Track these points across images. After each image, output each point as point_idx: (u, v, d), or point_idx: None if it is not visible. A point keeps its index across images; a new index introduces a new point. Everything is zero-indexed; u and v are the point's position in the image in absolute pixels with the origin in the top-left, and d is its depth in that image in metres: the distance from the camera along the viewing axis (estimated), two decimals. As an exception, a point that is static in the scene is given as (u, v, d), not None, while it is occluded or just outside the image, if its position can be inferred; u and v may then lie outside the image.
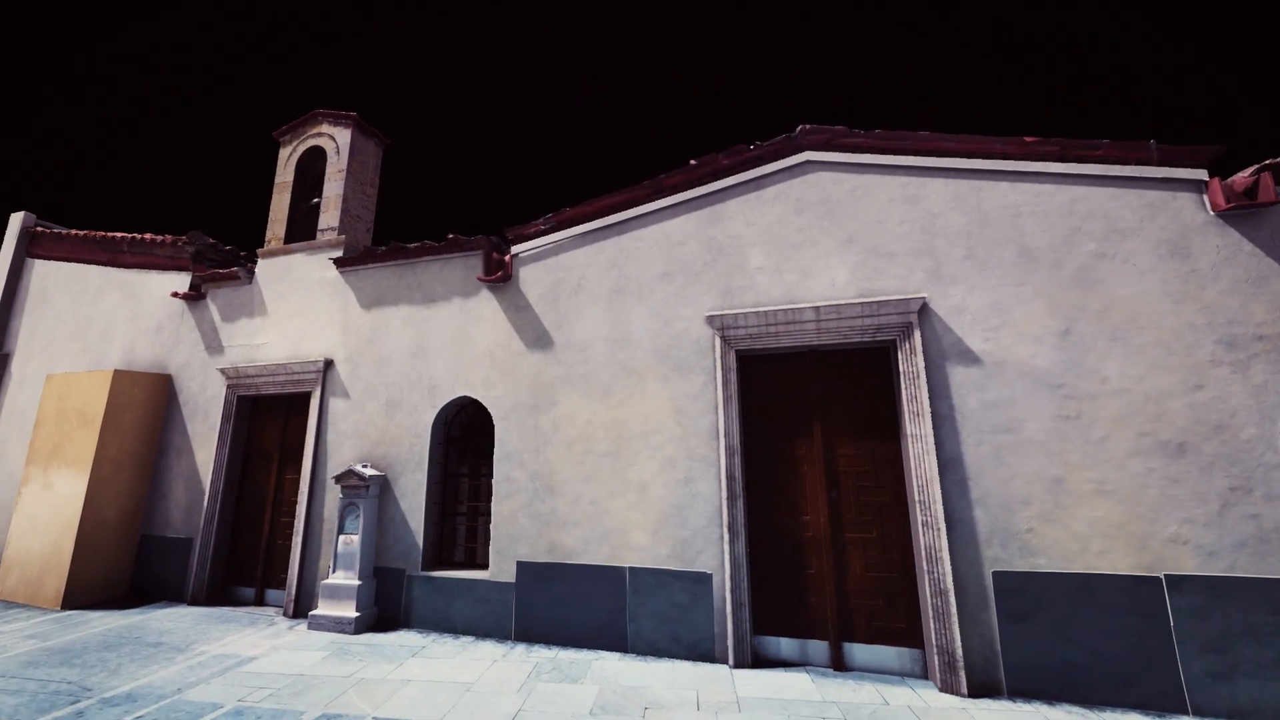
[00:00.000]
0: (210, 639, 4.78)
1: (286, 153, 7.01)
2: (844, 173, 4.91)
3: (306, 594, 5.49)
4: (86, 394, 6.16)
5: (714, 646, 4.35)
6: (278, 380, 6.11)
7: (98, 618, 5.33)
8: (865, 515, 4.43)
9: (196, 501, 6.15)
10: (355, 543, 5.21)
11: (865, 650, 4.22)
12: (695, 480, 4.65)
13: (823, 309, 4.57)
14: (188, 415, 6.49)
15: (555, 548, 4.90)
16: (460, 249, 5.79)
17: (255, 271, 6.69)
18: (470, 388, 5.48)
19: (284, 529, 5.96)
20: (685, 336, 4.95)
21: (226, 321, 6.66)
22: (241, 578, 6.02)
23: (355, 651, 4.51)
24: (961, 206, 4.56)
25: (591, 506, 4.88)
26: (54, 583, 5.64)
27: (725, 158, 5.19)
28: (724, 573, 4.42)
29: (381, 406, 5.72)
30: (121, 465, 6.16)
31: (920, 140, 4.73)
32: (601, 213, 5.46)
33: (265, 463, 6.21)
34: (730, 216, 5.10)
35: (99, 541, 5.91)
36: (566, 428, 5.10)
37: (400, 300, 5.96)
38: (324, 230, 6.51)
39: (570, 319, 5.32)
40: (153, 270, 7.23)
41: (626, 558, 4.70)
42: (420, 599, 5.15)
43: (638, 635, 4.54)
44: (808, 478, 4.61)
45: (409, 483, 5.44)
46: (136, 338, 7.02)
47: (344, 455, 5.71)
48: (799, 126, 5.03)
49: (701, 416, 4.76)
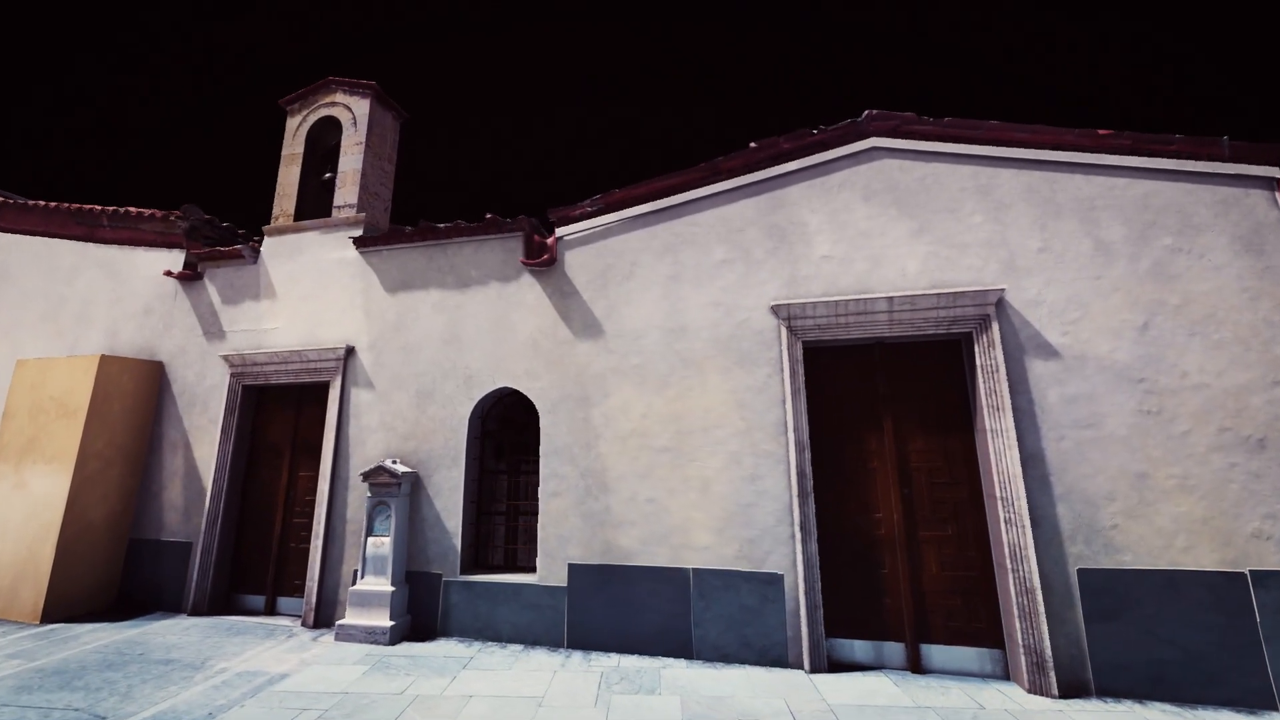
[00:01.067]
0: (227, 654, 4.30)
1: (295, 123, 6.46)
2: (912, 160, 4.77)
3: (328, 602, 5.03)
4: (67, 382, 5.51)
5: (786, 651, 4.15)
6: (290, 369, 5.60)
7: (87, 632, 4.74)
8: (940, 512, 4.30)
9: (196, 501, 5.58)
10: (387, 545, 4.79)
11: (943, 651, 4.10)
12: (762, 477, 4.44)
13: (896, 299, 4.41)
14: (183, 406, 5.90)
15: (610, 549, 4.60)
16: (498, 230, 5.41)
17: (261, 250, 6.13)
18: (512, 378, 5.12)
19: (297, 531, 5.47)
20: (747, 326, 4.73)
21: (228, 304, 6.08)
22: (248, 585, 5.49)
23: (397, 664, 4.12)
24: (1034, 198, 4.48)
25: (649, 505, 4.60)
26: (31, 594, 5.01)
27: (787, 141, 4.98)
28: (796, 573, 4.23)
29: (411, 398, 5.29)
30: (109, 462, 5.54)
31: (991, 130, 4.63)
32: (653, 195, 5.18)
33: (274, 459, 5.69)
34: (793, 203, 4.90)
35: (84, 547, 5.29)
36: (620, 421, 4.81)
37: (430, 284, 5.54)
38: (341, 207, 6.01)
39: (621, 306, 5.03)
40: (138, 247, 6.56)
41: (689, 558, 4.45)
42: (459, 605, 4.77)
43: (704, 640, 4.29)
44: (879, 474, 4.45)
45: (444, 480, 5.05)
46: (120, 320, 6.35)
47: (369, 450, 5.26)
48: (865, 112, 4.86)
49: (767, 410, 4.54)
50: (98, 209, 6.71)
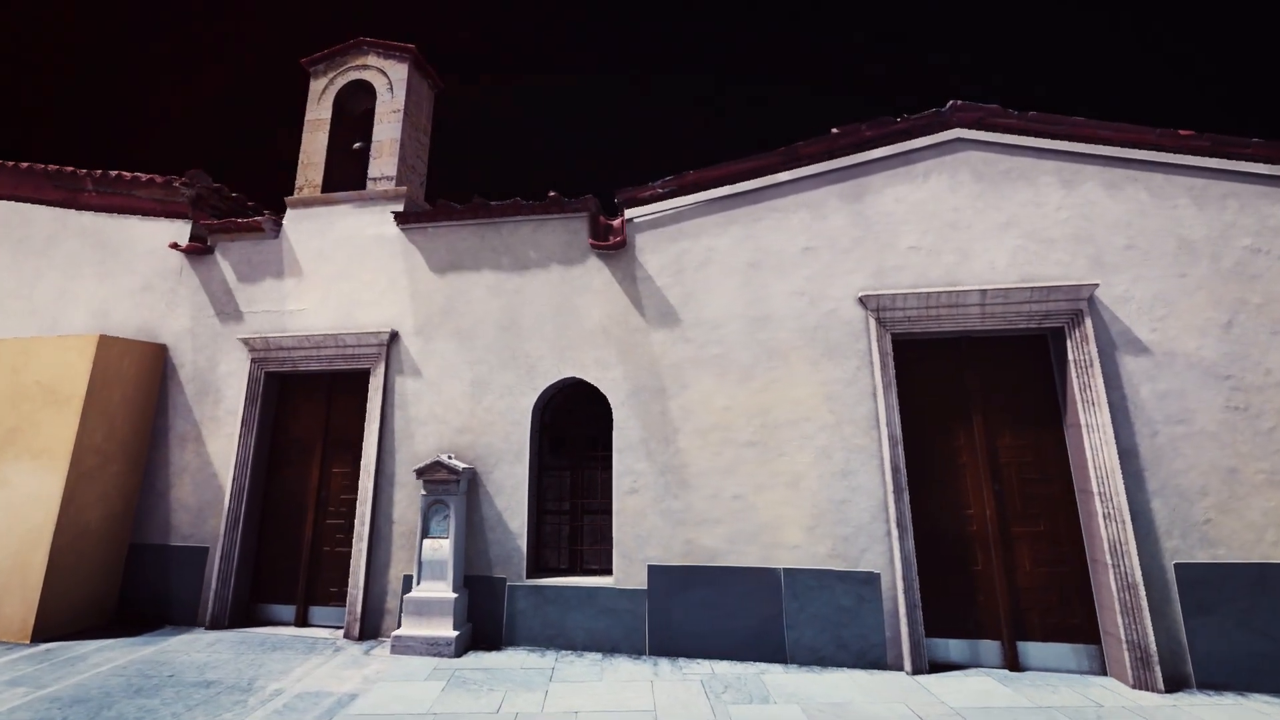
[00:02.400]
0: (272, 672, 3.81)
1: (319, 85, 5.87)
2: (996, 153, 4.72)
3: (374, 611, 4.57)
4: (58, 366, 4.80)
5: (885, 652, 4.02)
6: (324, 354, 5.07)
7: (94, 651, 4.12)
8: (1032, 508, 4.26)
9: (212, 501, 4.97)
10: (445, 548, 4.38)
11: (1039, 649, 4.05)
12: (855, 473, 4.29)
13: (990, 293, 4.35)
14: (192, 395, 5.26)
15: (693, 549, 4.35)
16: (559, 210, 5.05)
17: (283, 224, 5.54)
18: (580, 368, 4.79)
19: (332, 533, 4.96)
20: (835, 317, 4.57)
21: (245, 282, 5.46)
22: (273, 594, 4.94)
23: (474, 679, 3.74)
24: (1118, 195, 4.50)
25: (735, 502, 4.38)
26: (18, 609, 4.32)
27: (870, 128, 4.85)
28: (894, 572, 4.10)
29: (466, 388, 4.87)
30: (108, 457, 4.86)
31: (1075, 126, 4.63)
32: (729, 179, 4.95)
33: (302, 454, 5.14)
34: (877, 191, 4.77)
35: (79, 554, 4.62)
36: (700, 414, 4.56)
37: (483, 265, 5.12)
38: (377, 179, 5.49)
39: (699, 294, 4.78)
40: (133, 215, 5.83)
41: (780, 558, 4.25)
42: (526, 612, 4.42)
43: (798, 643, 4.11)
44: (969, 469, 4.38)
45: (505, 477, 4.67)
46: (112, 298, 5.62)
47: (418, 445, 4.82)
48: (949, 102, 4.78)
49: (857, 403, 4.40)
50: (81, 171, 5.93)
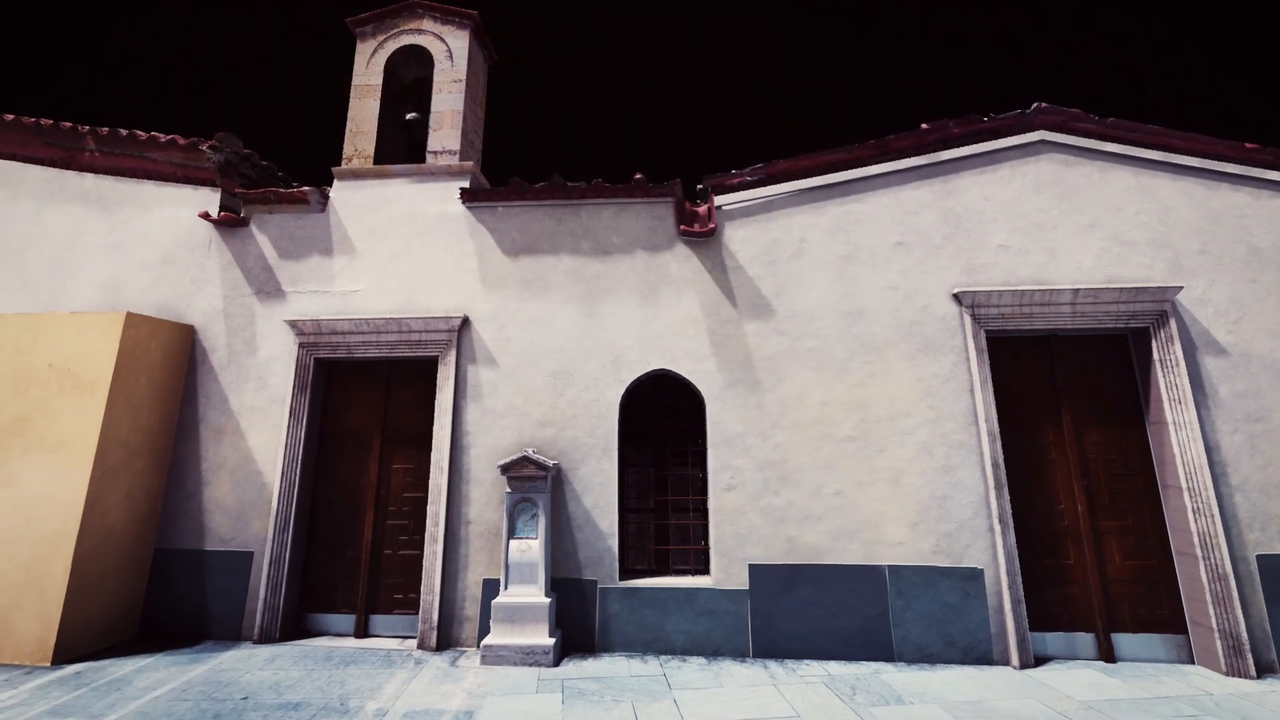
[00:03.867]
0: (361, 691, 3.42)
1: (368, 49, 5.40)
2: (1076, 156, 4.83)
3: (450, 619, 4.21)
4: (77, 345, 4.18)
5: (991, 648, 4.02)
6: (385, 340, 4.64)
7: (135, 673, 3.59)
8: (1119, 503, 4.37)
9: (256, 500, 4.46)
10: (536, 549, 4.08)
11: (1131, 640, 4.16)
12: (956, 468, 4.28)
13: (1081, 292, 4.43)
14: (228, 383, 4.71)
15: (795, 547, 4.23)
16: (644, 194, 4.82)
17: (330, 196, 5.05)
18: (669, 359, 4.58)
19: (394, 535, 4.54)
20: (928, 313, 4.55)
21: (287, 259, 4.94)
22: (325, 602, 4.48)
23: (588, 690, 3.49)
24: (1191, 202, 4.69)
25: (836, 498, 4.29)
26: (33, 626, 3.73)
27: (957, 126, 4.87)
28: (998, 567, 4.11)
29: (546, 379, 4.57)
30: (134, 451, 4.28)
31: (1150, 133, 4.79)
32: (820, 170, 4.85)
33: (357, 449, 4.69)
34: (966, 189, 4.79)
35: (104, 562, 4.04)
36: (797, 409, 4.44)
37: (561, 249, 4.83)
38: (438, 153, 5.09)
39: (792, 285, 4.66)
40: (146, 180, 5.18)
41: (883, 555, 4.19)
42: (621, 615, 4.17)
43: (905, 641, 4.06)
44: (1058, 465, 4.45)
45: (592, 473, 4.40)
46: (125, 271, 4.97)
47: (495, 438, 4.48)
48: (1034, 104, 4.86)
49: (955, 399, 4.39)
50: (82, 128, 5.22)
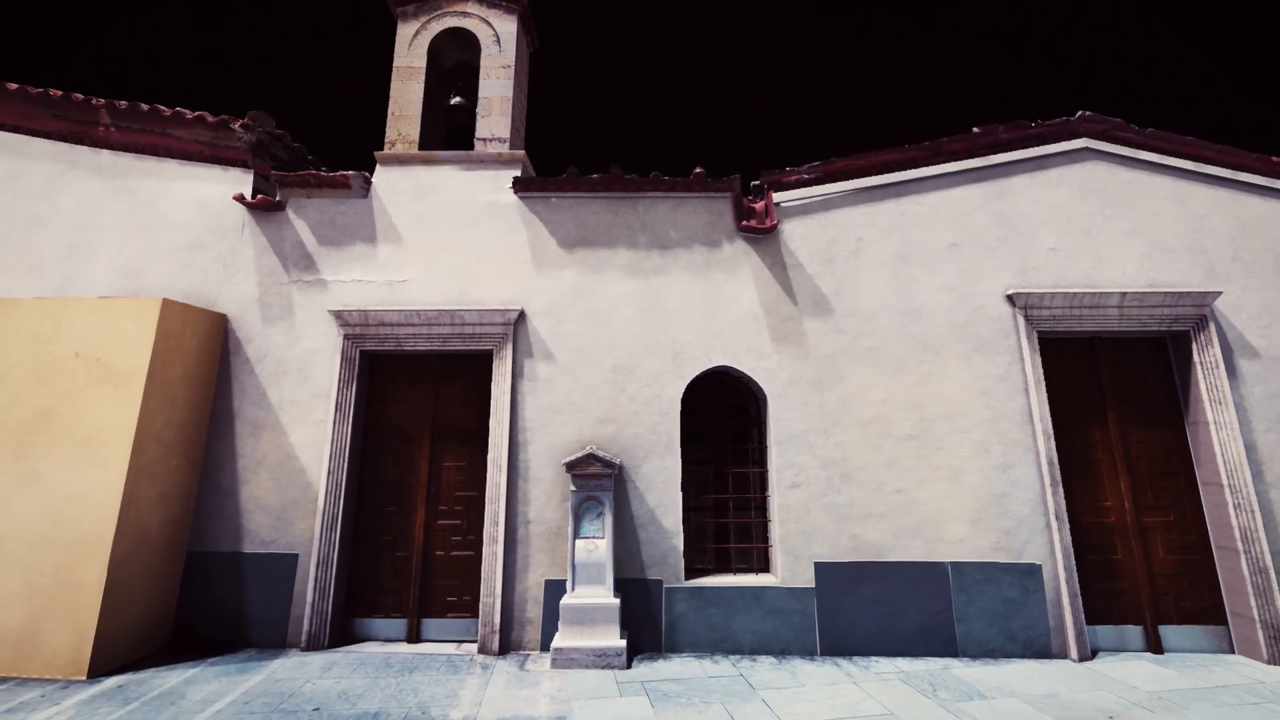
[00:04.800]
0: (437, 698, 3.26)
1: (410, 30, 5.18)
2: (1118, 165, 4.99)
3: (511, 622, 4.07)
4: (109, 333, 3.88)
5: (1050, 642, 4.11)
6: (437, 333, 4.46)
7: (183, 685, 3.34)
8: (1162, 499, 4.53)
9: (299, 500, 4.22)
10: (603, 549, 3.98)
11: (1176, 631, 4.31)
12: (1012, 466, 4.36)
13: (1128, 295, 4.57)
14: (265, 375, 4.44)
15: (859, 544, 4.24)
16: (702, 189, 4.77)
17: (373, 181, 4.83)
18: (731, 356, 4.53)
19: (446, 536, 4.37)
20: (982, 313, 4.63)
21: (327, 246, 4.70)
22: (373, 606, 4.27)
23: (672, 692, 3.41)
24: (1223, 212, 4.89)
25: (897, 496, 4.32)
26: (66, 637, 3.43)
27: (1006, 131, 4.97)
28: (1055, 563, 4.20)
29: (606, 374, 4.47)
30: (169, 448, 4.00)
31: (1185, 145, 4.99)
32: (875, 169, 4.88)
33: (405, 445, 4.49)
34: (1016, 192, 4.89)
35: (140, 567, 3.76)
36: (857, 407, 4.46)
37: (618, 242, 4.73)
38: (487, 140, 4.93)
39: (850, 284, 4.67)
40: (170, 159, 4.86)
41: (945, 551, 4.24)
42: (687, 615, 4.11)
43: (968, 637, 4.11)
44: (1104, 463, 4.59)
45: (655, 471, 4.32)
46: (146, 255, 4.64)
47: (553, 436, 4.35)
48: (1078, 113, 5.00)
49: (1010, 399, 4.48)
50: (96, 101, 4.86)
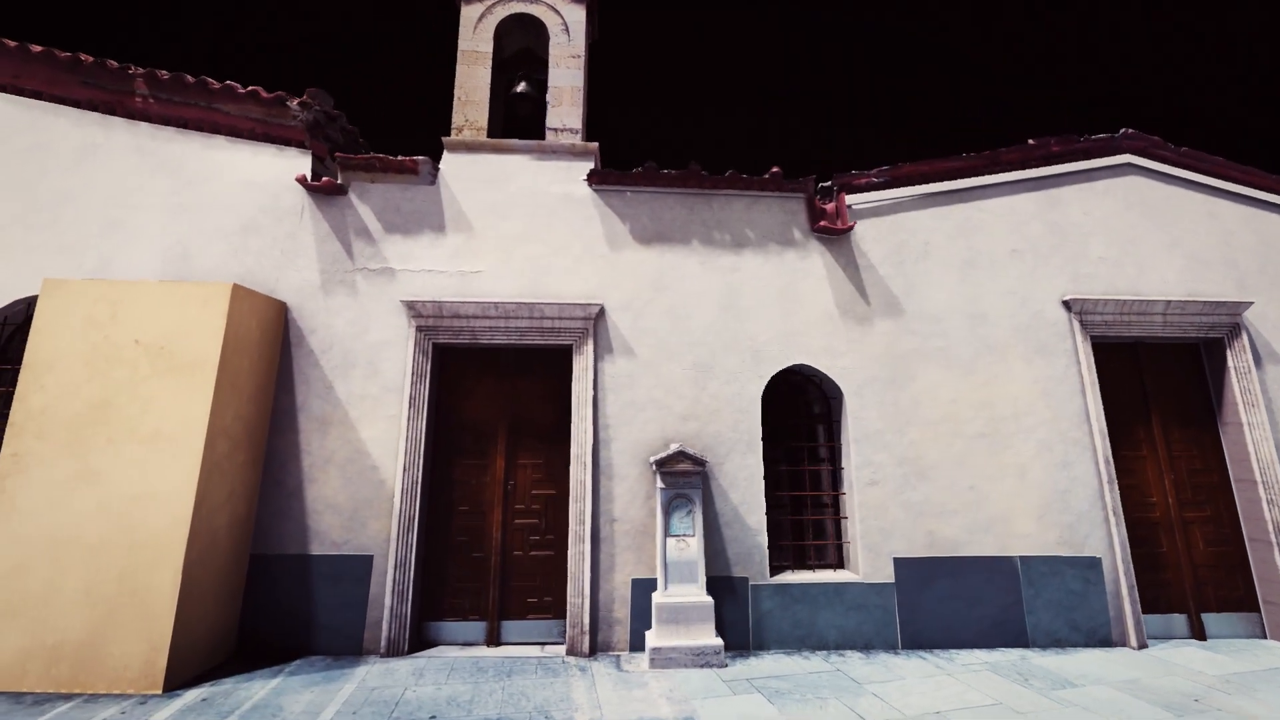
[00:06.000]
0: (552, 703, 3.16)
1: (474, 13, 5.01)
2: (1156, 180, 5.29)
3: (598, 622, 3.98)
4: (172, 319, 3.58)
5: (1110, 631, 4.32)
6: (515, 326, 4.32)
7: (271, 695, 3.12)
8: (1199, 495, 4.83)
9: (373, 499, 4.01)
10: (694, 547, 3.95)
11: (1215, 619, 4.60)
12: (1073, 464, 4.56)
13: (1171, 304, 4.85)
14: (330, 368, 4.21)
15: (935, 540, 4.35)
16: (777, 188, 4.79)
17: (440, 168, 4.64)
18: (808, 355, 4.57)
19: (524, 535, 4.24)
20: (1042, 318, 4.83)
21: (394, 234, 4.48)
22: (444, 609, 4.10)
23: (783, 689, 3.41)
24: (1249, 227, 5.26)
25: (969, 493, 4.45)
26: (138, 648, 3.15)
27: (1057, 144, 5.19)
28: (1114, 555, 4.42)
29: (686, 371, 4.43)
30: (236, 444, 3.73)
31: (1215, 164, 5.33)
32: (939, 176, 5.02)
33: (479, 442, 4.34)
34: (1067, 203, 5.12)
35: (211, 569, 3.49)
36: (929, 406, 4.57)
37: (694, 239, 4.70)
38: (559, 130, 4.81)
39: (920, 286, 4.79)
40: (217, 135, 4.54)
41: (1013, 546, 4.39)
42: (773, 612, 4.12)
43: (1037, 628, 4.28)
44: (1149, 461, 4.86)
45: (738, 469, 4.32)
46: (193, 237, 4.32)
47: (636, 433, 4.28)
48: (1121, 130, 5.27)
49: (1068, 400, 4.68)
50: (134, 70, 4.50)
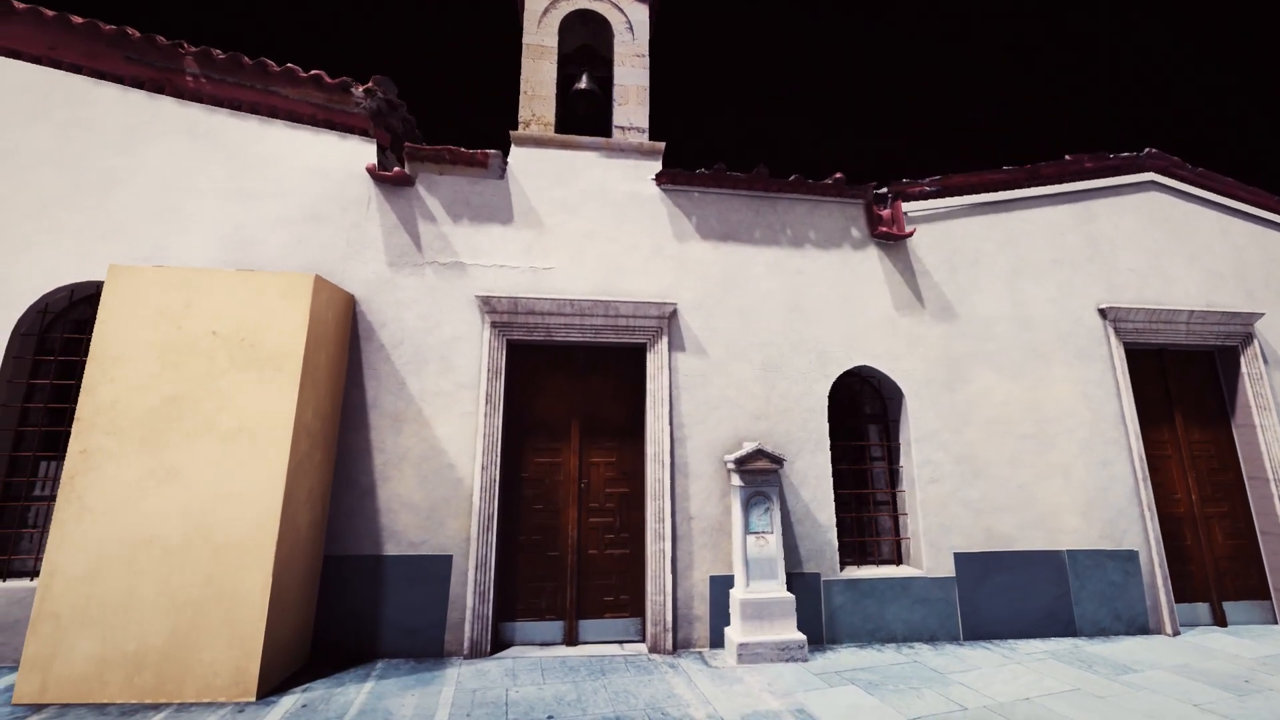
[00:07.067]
0: (660, 700, 3.17)
1: (538, 7, 4.95)
2: (1175, 198, 5.65)
3: (678, 619, 4.00)
4: (254, 311, 3.42)
5: (1148, 619, 4.59)
6: (590, 324, 4.29)
7: (374, 699, 3.02)
8: (1218, 492, 5.19)
9: (450, 498, 3.92)
10: (773, 543, 4.02)
11: (1233, 607, 4.95)
12: (1111, 463, 4.84)
13: (1194, 314, 5.20)
14: (402, 363, 4.09)
15: (991, 535, 4.54)
16: (838, 194, 4.91)
17: (508, 162, 4.57)
18: (870, 356, 4.70)
19: (598, 534, 4.21)
20: (1080, 324, 5.10)
21: (462, 227, 4.39)
22: (519, 609, 4.05)
23: (874, 681, 3.51)
24: (1256, 244, 5.68)
25: (1020, 490, 4.66)
26: (227, 654, 3.01)
27: (1090, 161, 5.49)
28: (1150, 548, 4.70)
29: (756, 371, 4.49)
30: (316, 441, 3.59)
31: (1226, 184, 5.74)
32: (985, 187, 5.24)
33: (551, 440, 4.29)
34: (1099, 216, 5.42)
35: (295, 571, 3.35)
36: (983, 407, 4.77)
37: (760, 240, 4.77)
38: (626, 129, 4.80)
39: (971, 292, 4.99)
40: (275, 119, 4.36)
41: (1062, 541, 4.63)
42: (845, 607, 4.22)
43: (1083, 618, 4.51)
44: (1173, 461, 5.19)
45: (808, 467, 4.41)
46: (255, 225, 4.14)
47: (710, 432, 4.32)
48: (1145, 149, 5.62)
49: (1106, 402, 4.96)
50: (187, 47, 4.28)
